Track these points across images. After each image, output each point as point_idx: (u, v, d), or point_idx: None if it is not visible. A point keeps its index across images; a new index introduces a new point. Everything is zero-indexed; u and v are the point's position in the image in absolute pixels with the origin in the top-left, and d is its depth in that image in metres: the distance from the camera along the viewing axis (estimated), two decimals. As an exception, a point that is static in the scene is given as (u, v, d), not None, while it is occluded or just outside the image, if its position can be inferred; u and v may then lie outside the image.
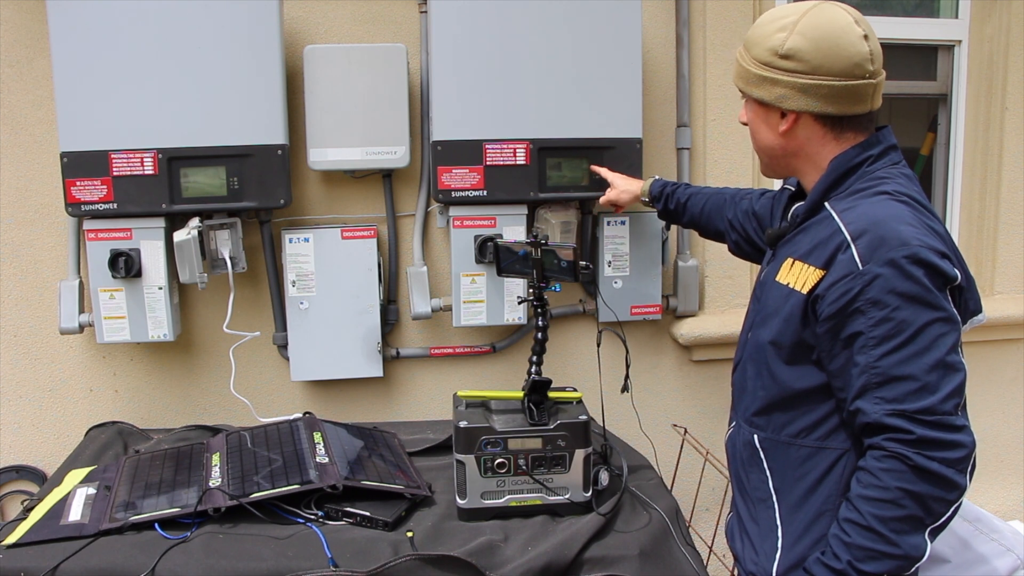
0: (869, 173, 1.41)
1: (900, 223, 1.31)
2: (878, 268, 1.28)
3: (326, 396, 2.48)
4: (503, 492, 1.73)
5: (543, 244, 1.74)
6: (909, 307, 1.27)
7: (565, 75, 2.24)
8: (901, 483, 1.26)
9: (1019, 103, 2.77)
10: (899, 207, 1.35)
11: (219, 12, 2.08)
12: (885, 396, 1.28)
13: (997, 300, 2.85)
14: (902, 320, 1.27)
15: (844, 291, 1.31)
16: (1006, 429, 2.97)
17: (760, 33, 1.44)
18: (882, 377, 1.28)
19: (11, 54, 2.23)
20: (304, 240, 2.30)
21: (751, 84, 1.46)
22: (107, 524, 1.64)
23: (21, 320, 2.33)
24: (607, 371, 2.20)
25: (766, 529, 1.50)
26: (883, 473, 1.28)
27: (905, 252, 1.28)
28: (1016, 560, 2.48)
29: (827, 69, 1.37)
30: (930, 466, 1.25)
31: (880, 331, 1.28)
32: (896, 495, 1.27)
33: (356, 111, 2.21)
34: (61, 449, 2.33)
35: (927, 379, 1.26)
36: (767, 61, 1.42)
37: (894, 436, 1.27)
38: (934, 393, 1.26)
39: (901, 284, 1.27)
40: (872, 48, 1.39)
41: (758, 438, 1.51)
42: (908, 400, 1.27)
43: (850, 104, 1.40)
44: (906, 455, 1.26)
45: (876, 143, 1.43)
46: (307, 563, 1.54)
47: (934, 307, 1.28)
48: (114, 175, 2.10)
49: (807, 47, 1.37)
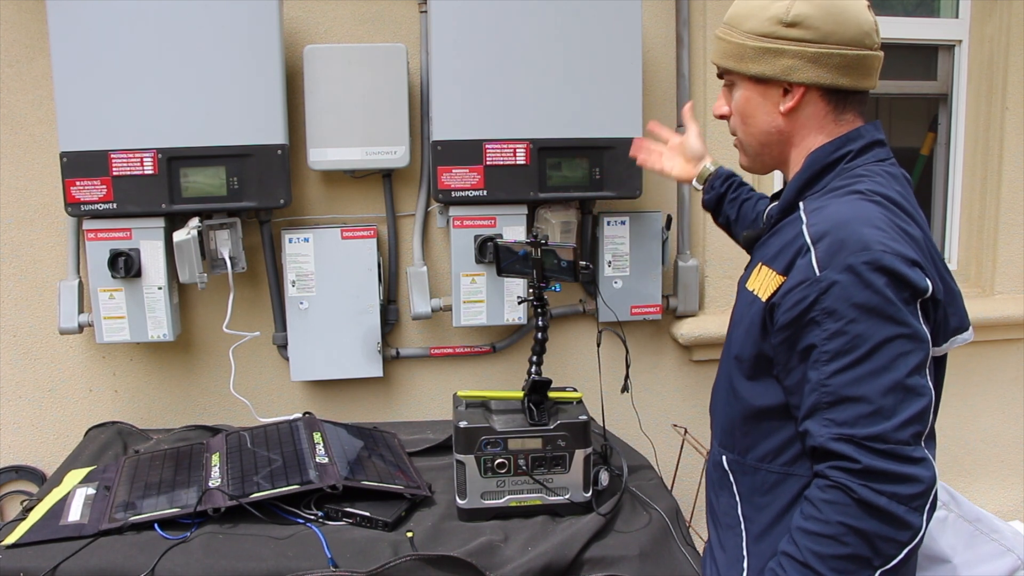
0: (848, 170, 1.29)
1: (865, 225, 1.17)
2: (835, 275, 1.15)
3: (326, 396, 2.48)
4: (503, 492, 1.73)
5: (543, 244, 1.73)
6: (867, 320, 1.13)
7: (565, 75, 2.24)
8: (843, 518, 1.12)
9: (1019, 103, 2.77)
10: (869, 207, 1.21)
11: (219, 12, 2.08)
12: (835, 418, 1.14)
13: (997, 300, 2.85)
14: (858, 334, 1.13)
15: (799, 299, 1.18)
16: (1006, 429, 2.97)
17: (754, 5, 1.31)
18: (833, 396, 1.15)
19: (11, 54, 2.23)
20: (304, 240, 2.30)
21: (746, 60, 1.32)
22: (107, 524, 1.63)
23: (21, 320, 2.33)
24: (607, 371, 2.20)
25: (733, 557, 1.38)
26: (824, 505, 1.14)
27: (865, 257, 1.14)
28: (1016, 560, 2.48)
29: (839, 37, 1.26)
30: (877, 501, 1.11)
31: (833, 345, 1.15)
32: (838, 531, 1.13)
33: (356, 111, 2.21)
34: (61, 449, 2.33)
35: (882, 402, 1.12)
36: (768, 32, 1.29)
37: (838, 464, 1.14)
38: (889, 419, 1.12)
39: (859, 294, 1.14)
40: (875, 20, 1.30)
41: (727, 460, 1.39)
42: (859, 424, 1.13)
43: (860, 77, 1.29)
44: (850, 487, 1.12)
45: (857, 137, 1.31)
46: (307, 563, 1.54)
47: (896, 321, 1.14)
48: (114, 175, 2.10)
49: (816, 12, 1.26)
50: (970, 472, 2.96)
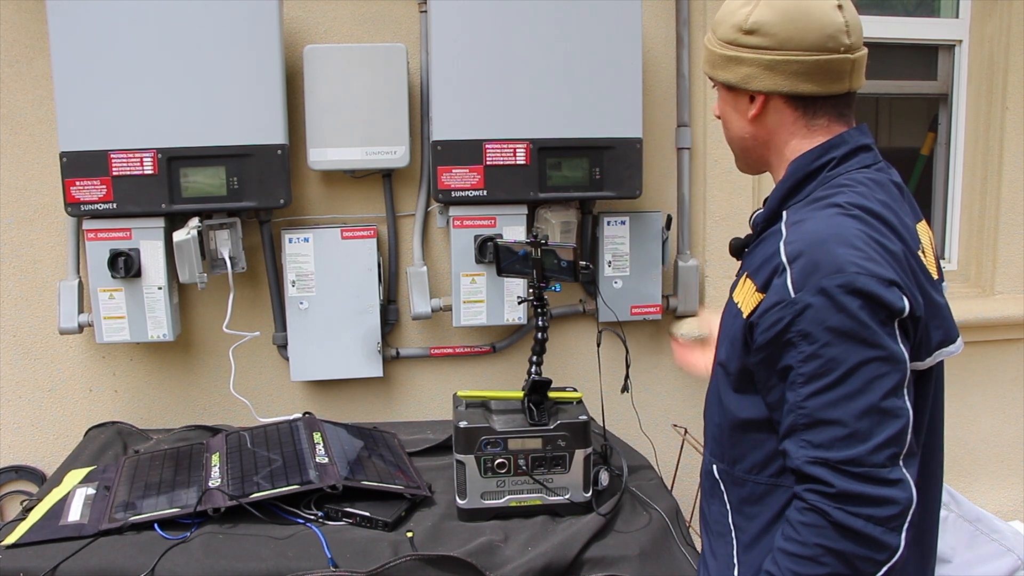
0: (830, 179, 1.25)
1: (840, 245, 1.14)
2: (809, 297, 1.13)
3: (326, 396, 2.48)
4: (503, 492, 1.73)
5: (543, 244, 1.73)
6: (841, 344, 1.12)
7: (565, 75, 2.23)
8: (820, 540, 1.12)
9: (1019, 103, 2.77)
10: (847, 223, 1.17)
11: (219, 12, 2.08)
12: (811, 440, 1.14)
13: (997, 300, 2.85)
14: (831, 358, 1.12)
15: (775, 320, 1.17)
16: (1006, 429, 2.97)
17: (726, 11, 1.30)
18: (808, 419, 1.14)
19: (11, 54, 2.23)
20: (304, 240, 2.30)
21: (717, 67, 1.31)
22: (107, 524, 1.63)
23: (21, 320, 2.33)
24: (607, 371, 2.20)
25: (724, 565, 1.38)
26: (802, 527, 1.14)
27: (839, 280, 1.12)
28: (1016, 560, 2.48)
29: (796, 43, 1.22)
30: (853, 524, 1.11)
31: (808, 368, 1.14)
32: (815, 552, 1.13)
33: (356, 111, 2.21)
34: (60, 449, 2.32)
35: (857, 426, 1.11)
36: (732, 39, 1.27)
37: (814, 487, 1.13)
38: (864, 442, 1.11)
39: (832, 317, 1.12)
40: (848, 19, 1.23)
41: (717, 469, 1.38)
42: (834, 448, 1.12)
43: (825, 82, 1.25)
44: (825, 510, 1.12)
45: (840, 143, 1.27)
46: (307, 563, 1.54)
47: (870, 344, 1.12)
48: (114, 175, 2.10)
49: (773, 19, 1.23)
50: (970, 472, 2.95)
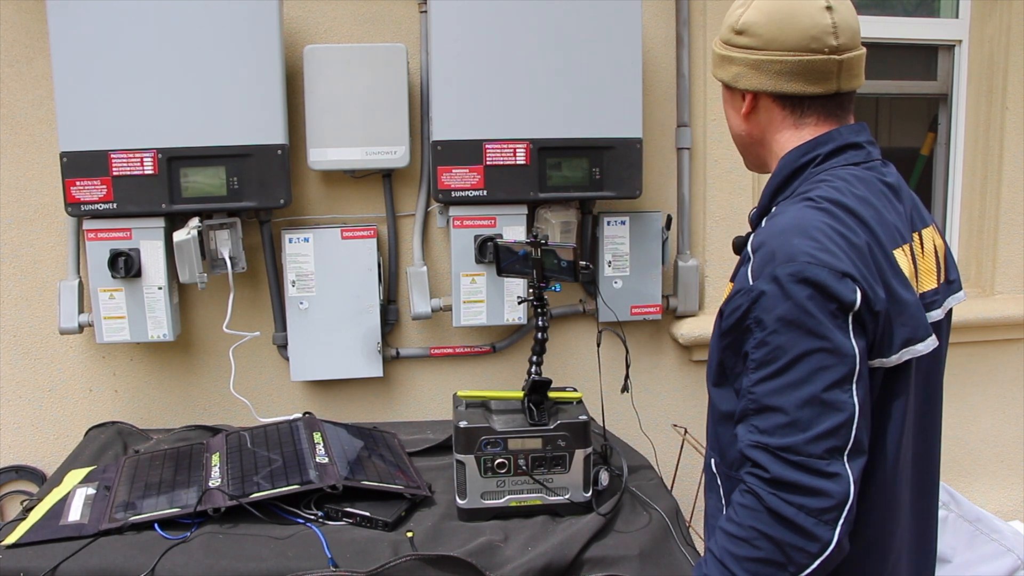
0: (814, 175, 1.28)
1: (798, 235, 1.17)
2: (764, 285, 1.16)
3: (326, 396, 2.48)
4: (503, 492, 1.73)
5: (543, 244, 1.73)
6: (787, 332, 1.14)
7: (565, 75, 2.23)
8: (755, 523, 1.15)
9: (1019, 103, 2.77)
10: (812, 215, 1.20)
11: (219, 12, 2.08)
12: (757, 425, 1.17)
13: (997, 300, 2.85)
14: (778, 346, 1.15)
15: (736, 306, 1.21)
16: (1006, 429, 2.97)
17: (727, 14, 1.35)
18: (756, 405, 1.17)
19: (11, 54, 2.23)
20: (304, 240, 2.30)
21: (716, 66, 1.37)
22: (107, 524, 1.63)
23: (21, 320, 2.33)
24: (607, 371, 2.20)
25: None
26: (740, 508, 1.17)
27: (790, 269, 1.14)
28: (1016, 560, 2.48)
29: (780, 43, 1.26)
30: (785, 511, 1.13)
31: (758, 355, 1.17)
32: (750, 534, 1.15)
33: (356, 111, 2.21)
34: (61, 449, 2.32)
35: (798, 415, 1.13)
36: (727, 39, 1.33)
37: (752, 471, 1.17)
38: (803, 431, 1.13)
39: (780, 305, 1.15)
40: (837, 20, 1.25)
41: (714, 463, 1.39)
42: (776, 434, 1.14)
43: (809, 82, 1.27)
44: (760, 494, 1.15)
45: (828, 141, 1.29)
46: (307, 563, 1.54)
47: (816, 335, 1.13)
48: (114, 175, 2.10)
49: (760, 19, 1.27)
50: (970, 472, 2.96)
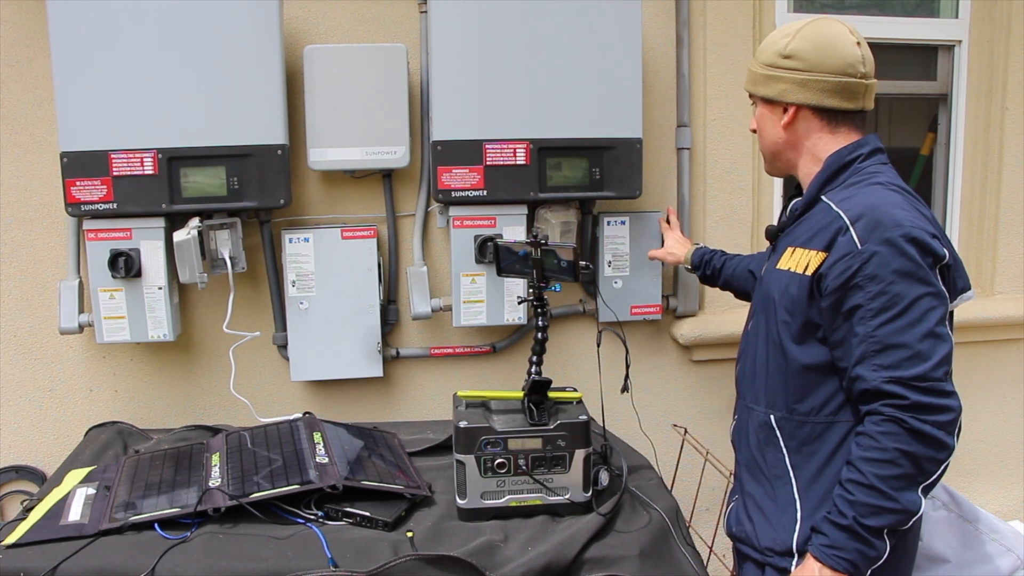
0: (861, 169, 1.59)
1: (894, 207, 1.47)
2: (875, 247, 1.44)
3: (326, 396, 2.48)
4: (503, 492, 1.73)
5: (543, 244, 1.74)
6: (903, 282, 1.42)
7: (565, 75, 2.24)
8: (898, 444, 1.40)
9: (1019, 103, 2.77)
10: (892, 194, 1.52)
11: (219, 12, 2.08)
12: (882, 363, 1.42)
13: (997, 300, 2.85)
14: (896, 293, 1.42)
15: (844, 268, 1.46)
16: (1006, 429, 2.97)
17: (769, 41, 1.66)
18: (879, 345, 1.43)
19: (11, 54, 2.23)
20: (304, 240, 2.30)
21: (759, 85, 1.66)
22: (107, 524, 1.63)
23: (21, 320, 2.33)
24: (607, 371, 2.20)
25: (784, 504, 1.61)
26: (882, 436, 1.42)
27: (900, 232, 1.43)
28: (1016, 560, 2.47)
29: (824, 67, 1.58)
30: (924, 428, 1.40)
31: (877, 303, 1.43)
32: (894, 455, 1.41)
33: (356, 111, 2.21)
34: (61, 449, 2.33)
35: (920, 347, 1.41)
36: (772, 62, 1.63)
37: (891, 402, 1.41)
38: (927, 360, 1.40)
39: (896, 261, 1.42)
40: (864, 54, 1.59)
41: (774, 418, 1.63)
42: (903, 367, 1.41)
43: (844, 99, 1.60)
44: (902, 419, 1.40)
45: (864, 144, 1.61)
46: (307, 563, 1.54)
47: (925, 282, 1.43)
48: (114, 175, 2.10)
49: (806, 47, 1.59)
50: (970, 472, 2.95)
